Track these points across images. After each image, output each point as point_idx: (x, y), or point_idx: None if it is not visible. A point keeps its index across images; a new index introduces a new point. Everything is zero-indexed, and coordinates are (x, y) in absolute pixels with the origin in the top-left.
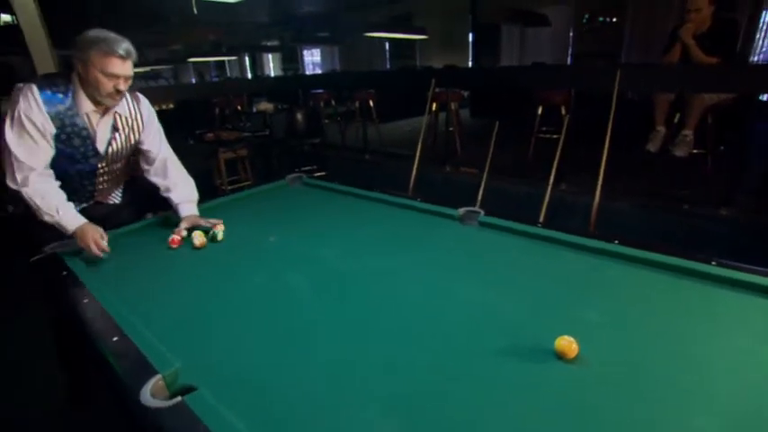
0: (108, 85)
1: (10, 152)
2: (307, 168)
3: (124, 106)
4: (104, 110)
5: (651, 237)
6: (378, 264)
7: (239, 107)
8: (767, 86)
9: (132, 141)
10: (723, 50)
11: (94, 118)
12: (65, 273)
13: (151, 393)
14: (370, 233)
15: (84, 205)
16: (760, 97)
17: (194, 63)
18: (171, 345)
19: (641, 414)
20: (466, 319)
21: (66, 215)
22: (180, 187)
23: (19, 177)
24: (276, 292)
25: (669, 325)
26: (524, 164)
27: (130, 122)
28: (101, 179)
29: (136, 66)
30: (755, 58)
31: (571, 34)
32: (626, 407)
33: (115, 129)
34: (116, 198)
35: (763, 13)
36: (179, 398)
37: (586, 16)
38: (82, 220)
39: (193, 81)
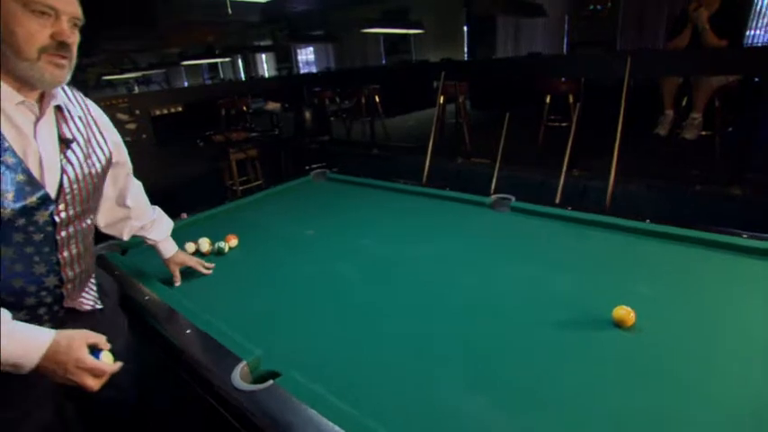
0: (40, 35)
1: None
2: (316, 166)
3: (63, 96)
4: (39, 104)
5: (665, 217)
6: (421, 250)
7: (245, 108)
8: None
9: (101, 159)
10: (732, 32)
11: (24, 124)
12: (116, 273)
13: (240, 378)
14: (405, 222)
15: (49, 324)
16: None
17: (187, 66)
18: (245, 335)
19: (695, 373)
20: (520, 295)
21: (5, 336)
22: (156, 220)
23: None
24: (330, 281)
25: (710, 293)
26: (535, 152)
27: (85, 121)
28: (66, 253)
29: (128, 70)
30: (750, 41)
31: (566, 23)
32: (682, 368)
33: (65, 140)
34: (91, 297)
35: None
36: (271, 381)
37: (591, 7)
38: (44, 332)
39: (186, 84)
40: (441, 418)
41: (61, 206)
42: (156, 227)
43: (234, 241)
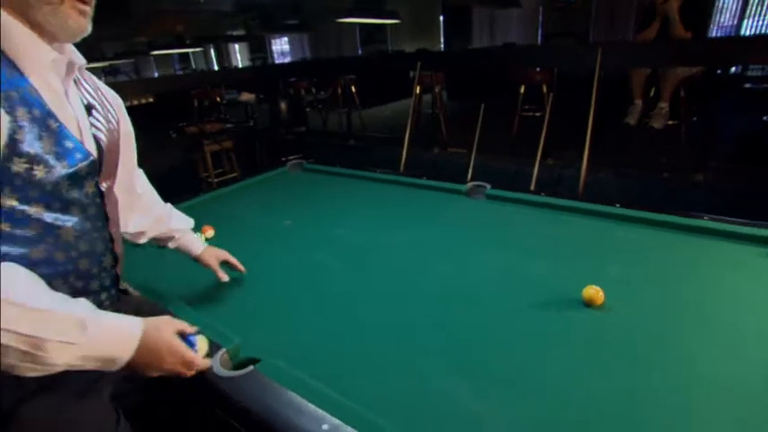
0: None
1: None
2: (293, 157)
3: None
4: (66, 62)
5: (634, 203)
6: (397, 238)
7: (218, 99)
8: (737, 59)
9: (116, 127)
10: (697, 25)
11: (57, 85)
12: None
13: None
14: (382, 211)
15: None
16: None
17: (157, 56)
18: (224, 324)
19: (663, 353)
20: (495, 281)
21: (98, 326)
22: (171, 208)
23: None
24: (308, 270)
25: (675, 272)
26: (509, 142)
27: (92, 85)
28: (114, 228)
29: (94, 60)
30: (716, 32)
31: (540, 15)
32: (650, 348)
33: (88, 106)
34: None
35: None
36: (251, 367)
37: None
38: (133, 320)
39: (156, 74)
40: (422, 403)
41: (103, 180)
42: (176, 215)
43: (210, 232)
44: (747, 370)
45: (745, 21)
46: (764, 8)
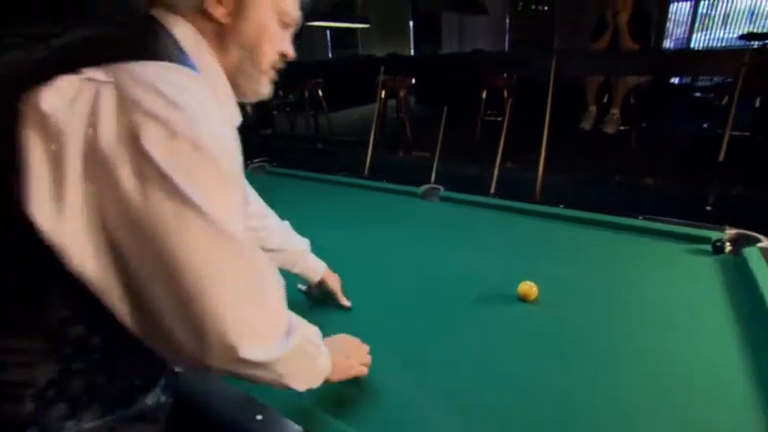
0: (279, 47)
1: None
2: (257, 160)
3: None
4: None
5: (588, 206)
6: (353, 239)
7: None
8: (681, 70)
9: None
10: (643, 38)
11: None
12: None
13: None
14: (338, 214)
15: None
16: (674, 80)
17: None
18: None
19: (592, 335)
20: (438, 276)
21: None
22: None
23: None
24: None
25: (610, 266)
26: (472, 145)
27: None
28: None
29: None
30: (668, 44)
31: (507, 22)
32: (582, 333)
33: None
34: None
35: (671, 4)
36: None
37: (521, 4)
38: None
39: None
40: (358, 384)
41: None
42: (287, 229)
43: None
44: (670, 356)
45: (695, 34)
46: (713, 23)
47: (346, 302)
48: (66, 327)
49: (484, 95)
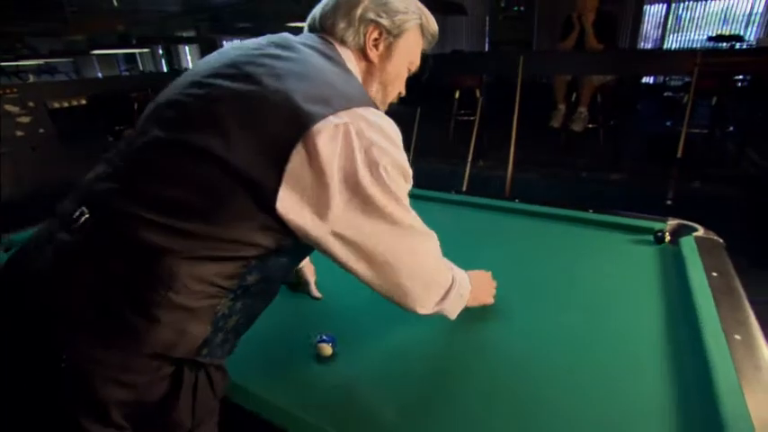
0: (401, 87)
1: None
2: None
3: None
4: None
5: (554, 200)
6: None
7: None
8: (639, 69)
9: None
10: (607, 39)
11: None
12: None
13: None
14: None
15: None
16: (646, 80)
17: (100, 55)
18: None
19: (533, 313)
20: None
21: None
22: None
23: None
24: None
25: (549, 255)
26: (446, 144)
27: None
28: None
29: (24, 57)
30: (643, 45)
31: (487, 23)
32: (524, 314)
33: None
34: None
35: (646, 7)
36: None
37: (503, 4)
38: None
39: (100, 75)
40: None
41: None
42: None
43: None
44: (589, 333)
45: (669, 36)
46: (687, 25)
47: (317, 294)
48: (248, 275)
49: (457, 95)
